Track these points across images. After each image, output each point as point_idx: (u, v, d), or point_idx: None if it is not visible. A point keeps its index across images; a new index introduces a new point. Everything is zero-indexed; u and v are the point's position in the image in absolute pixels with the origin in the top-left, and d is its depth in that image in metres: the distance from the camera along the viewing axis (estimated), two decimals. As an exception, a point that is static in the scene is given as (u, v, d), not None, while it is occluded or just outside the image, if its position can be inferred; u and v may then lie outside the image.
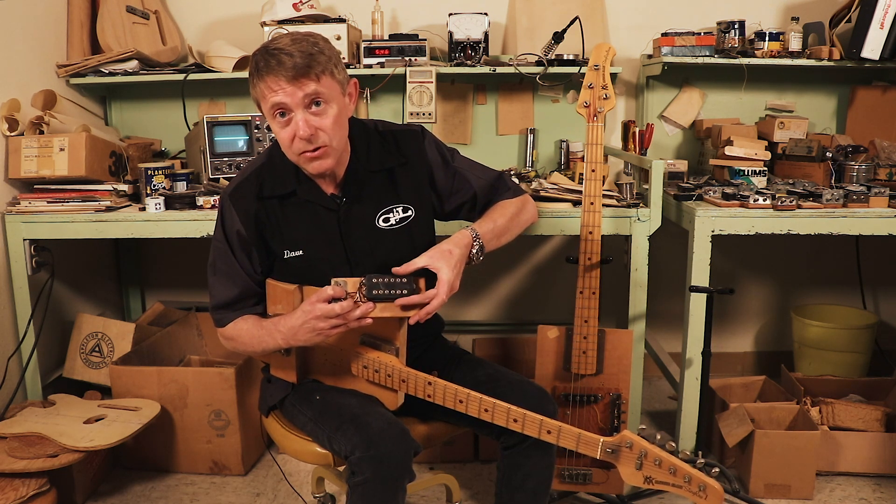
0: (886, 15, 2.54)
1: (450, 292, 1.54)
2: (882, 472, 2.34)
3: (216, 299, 1.68)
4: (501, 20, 2.96)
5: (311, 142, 1.51)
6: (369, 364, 1.60)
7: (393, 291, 1.51)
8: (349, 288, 1.51)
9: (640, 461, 1.43)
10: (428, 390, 1.57)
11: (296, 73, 1.45)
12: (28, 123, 2.42)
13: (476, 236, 1.63)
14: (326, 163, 1.55)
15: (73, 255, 2.76)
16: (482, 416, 1.54)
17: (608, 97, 1.95)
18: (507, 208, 1.74)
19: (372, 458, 1.46)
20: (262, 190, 1.63)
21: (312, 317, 1.49)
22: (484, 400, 1.53)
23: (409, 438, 1.51)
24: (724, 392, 2.56)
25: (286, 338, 1.56)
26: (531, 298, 3.22)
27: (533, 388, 1.64)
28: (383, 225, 1.66)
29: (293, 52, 1.45)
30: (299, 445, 1.69)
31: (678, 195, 2.40)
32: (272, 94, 1.47)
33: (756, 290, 3.22)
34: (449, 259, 1.55)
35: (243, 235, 1.62)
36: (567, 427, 1.48)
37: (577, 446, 1.48)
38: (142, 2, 2.80)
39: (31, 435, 2.13)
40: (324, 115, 1.51)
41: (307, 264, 1.63)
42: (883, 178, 2.50)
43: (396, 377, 1.58)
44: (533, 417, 1.50)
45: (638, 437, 1.44)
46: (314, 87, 1.47)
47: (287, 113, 1.50)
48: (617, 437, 1.45)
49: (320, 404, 1.64)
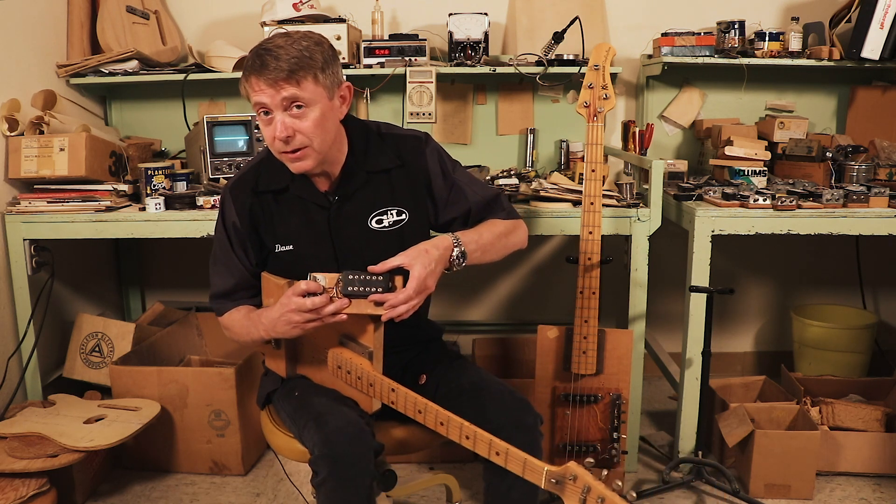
0: (886, 15, 2.54)
1: (420, 290, 1.50)
2: (882, 472, 2.34)
3: (215, 288, 1.74)
4: (501, 20, 2.96)
5: (288, 143, 1.53)
6: (343, 364, 1.60)
7: (368, 289, 1.50)
8: (326, 283, 1.51)
9: (584, 497, 1.38)
10: (391, 397, 1.54)
11: (276, 76, 1.48)
12: (28, 123, 2.42)
13: (458, 242, 1.61)
14: (306, 164, 1.57)
15: (73, 255, 2.75)
16: (438, 429, 1.50)
17: (608, 97, 1.95)
18: (497, 226, 1.72)
19: (326, 456, 1.46)
20: (257, 184, 1.66)
21: (288, 310, 1.52)
22: (440, 413, 1.49)
23: (367, 438, 1.49)
24: (724, 392, 2.56)
25: (267, 329, 1.60)
26: (531, 298, 3.22)
27: (514, 401, 1.59)
28: (376, 226, 1.66)
29: (280, 54, 1.48)
30: (283, 441, 1.69)
31: (678, 195, 2.40)
32: (255, 94, 1.51)
33: (756, 290, 3.22)
34: (424, 257, 1.53)
35: (239, 228, 1.67)
36: (514, 451, 1.42)
37: (524, 472, 1.42)
38: (142, 2, 2.80)
39: (31, 435, 2.13)
40: (304, 117, 1.52)
41: (296, 259, 1.65)
42: (883, 178, 2.50)
43: (365, 380, 1.57)
44: (483, 436, 1.45)
45: (584, 471, 1.36)
46: (293, 92, 1.49)
47: (269, 112, 1.52)
48: (562, 468, 1.38)
49: (297, 401, 1.65)
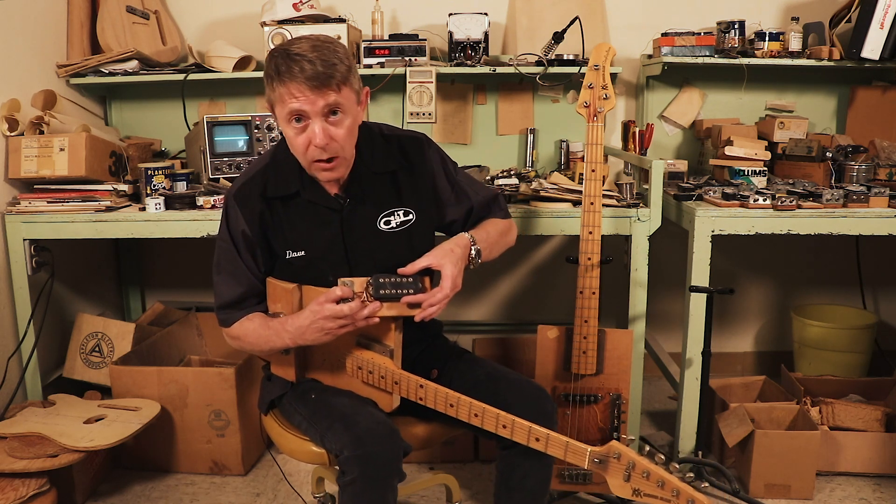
0: (886, 15, 2.54)
1: (454, 288, 1.56)
2: (882, 472, 2.34)
3: (221, 299, 1.68)
4: (501, 20, 2.95)
5: (326, 150, 1.52)
6: (364, 365, 1.60)
7: (399, 291, 1.53)
8: (356, 288, 1.53)
9: (629, 473, 1.41)
10: (420, 393, 1.56)
11: (319, 82, 1.46)
12: (28, 123, 2.42)
13: (473, 241, 1.66)
14: (338, 173, 1.59)
15: (73, 255, 2.75)
16: (472, 420, 1.53)
17: (608, 97, 1.95)
18: (498, 225, 1.78)
19: (359, 457, 1.46)
20: (266, 190, 1.63)
21: (321, 317, 1.51)
22: (474, 405, 1.52)
23: (397, 438, 1.51)
24: (724, 392, 2.56)
25: (294, 337, 1.57)
26: (531, 298, 3.22)
27: (532, 388, 1.64)
28: (384, 227, 1.67)
29: (314, 59, 1.45)
30: (295, 444, 1.69)
31: (678, 195, 2.40)
32: (292, 100, 1.48)
33: (756, 290, 3.22)
34: (451, 256, 1.59)
35: (248, 235, 1.63)
36: (555, 435, 1.47)
37: (565, 455, 1.46)
38: (142, 2, 2.80)
39: (31, 435, 2.13)
40: (339, 124, 1.52)
41: (308, 264, 1.64)
42: (883, 178, 2.50)
43: (390, 379, 1.58)
44: (521, 424, 1.49)
45: (627, 448, 1.42)
46: (335, 98, 1.49)
47: (303, 119, 1.50)
48: (605, 447, 1.43)
49: (315, 403, 1.65)
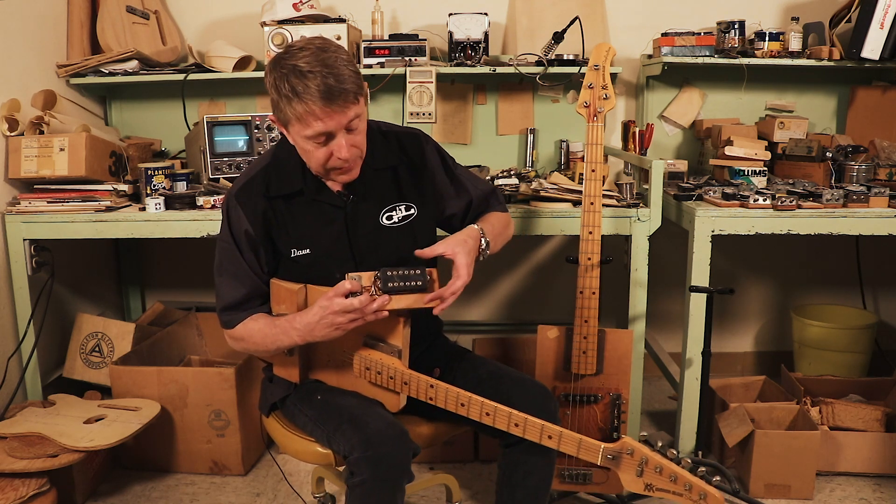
0: (886, 15, 2.54)
1: (468, 277, 1.56)
2: (882, 472, 2.34)
3: (224, 300, 1.66)
4: (501, 20, 2.95)
5: (349, 160, 1.54)
6: (372, 366, 1.60)
7: (407, 283, 1.53)
8: (364, 282, 1.53)
9: (641, 468, 1.43)
10: (430, 393, 1.57)
11: (341, 99, 1.45)
12: (28, 123, 2.42)
13: (483, 233, 1.67)
14: (354, 174, 1.60)
15: (73, 255, 2.75)
16: (483, 419, 1.54)
17: (608, 97, 1.95)
18: (501, 218, 1.79)
19: (370, 458, 1.46)
20: (268, 189, 1.63)
21: (330, 312, 1.50)
22: (486, 404, 1.53)
23: (407, 439, 1.52)
24: (724, 392, 2.56)
25: (302, 335, 1.55)
26: (531, 298, 3.22)
27: (535, 386, 1.65)
28: (387, 223, 1.67)
29: (328, 74, 1.44)
30: (300, 445, 1.69)
31: (678, 195, 2.40)
32: (317, 122, 1.46)
33: (756, 290, 3.22)
34: (464, 246, 1.59)
35: (251, 235, 1.62)
36: (568, 433, 1.48)
37: (578, 452, 1.47)
38: (142, 2, 2.80)
39: (31, 435, 2.13)
40: (358, 132, 1.54)
41: (313, 262, 1.64)
42: (883, 178, 2.50)
43: (398, 379, 1.58)
44: (534, 422, 1.50)
45: (639, 444, 1.44)
46: (355, 111, 1.49)
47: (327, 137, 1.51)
48: (618, 443, 1.45)
49: (321, 404, 1.64)
